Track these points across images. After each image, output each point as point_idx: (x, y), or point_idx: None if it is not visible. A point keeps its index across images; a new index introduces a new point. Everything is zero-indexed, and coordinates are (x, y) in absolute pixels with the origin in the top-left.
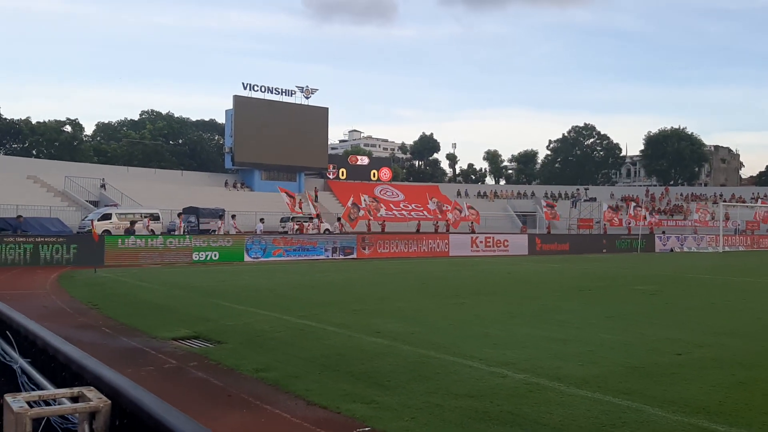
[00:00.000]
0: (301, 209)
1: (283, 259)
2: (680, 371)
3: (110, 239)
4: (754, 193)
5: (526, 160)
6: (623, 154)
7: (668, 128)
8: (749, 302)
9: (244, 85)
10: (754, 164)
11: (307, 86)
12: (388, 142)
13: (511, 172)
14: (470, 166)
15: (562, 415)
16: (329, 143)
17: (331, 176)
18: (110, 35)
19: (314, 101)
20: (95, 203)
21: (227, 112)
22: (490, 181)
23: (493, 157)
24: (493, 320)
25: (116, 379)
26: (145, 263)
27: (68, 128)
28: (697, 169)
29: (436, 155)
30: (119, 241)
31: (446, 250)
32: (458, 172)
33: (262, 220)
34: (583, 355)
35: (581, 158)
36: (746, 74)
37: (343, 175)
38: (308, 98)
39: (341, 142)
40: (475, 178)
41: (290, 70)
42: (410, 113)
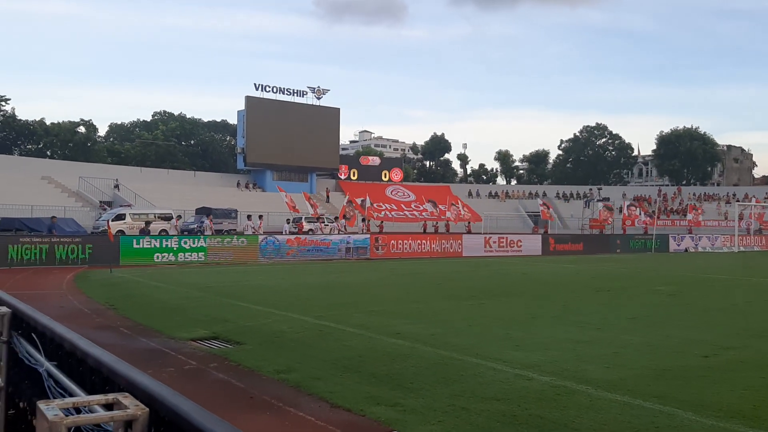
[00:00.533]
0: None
1: (296, 259)
2: (709, 374)
3: (125, 239)
4: (767, 192)
5: (537, 160)
6: (635, 153)
7: (680, 128)
8: None
9: (255, 86)
10: (767, 164)
11: (318, 87)
12: (398, 142)
13: (522, 172)
14: (481, 166)
15: (592, 419)
16: (340, 144)
17: (342, 177)
18: (123, 37)
19: (325, 102)
20: (109, 203)
21: (239, 112)
22: (501, 181)
23: (504, 157)
24: (513, 321)
25: (152, 385)
26: (160, 263)
27: (82, 129)
28: (709, 168)
29: (447, 155)
30: (134, 241)
31: (459, 250)
32: (469, 172)
33: (288, 221)
34: (608, 357)
35: (593, 158)
36: (759, 74)
37: (354, 175)
38: (320, 99)
39: (352, 142)
40: (486, 178)
41: (301, 70)
42: (421, 113)
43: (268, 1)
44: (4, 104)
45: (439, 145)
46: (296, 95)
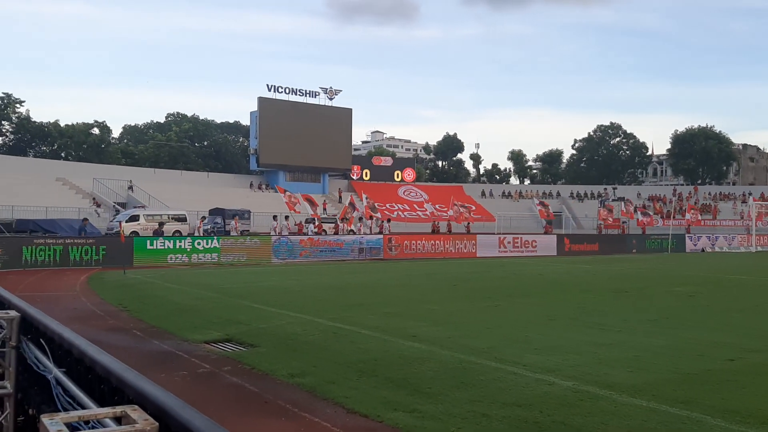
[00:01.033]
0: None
1: (309, 260)
2: (736, 378)
3: (139, 240)
4: None
5: (551, 159)
6: (650, 153)
7: (695, 127)
8: None
9: (268, 86)
10: None
11: (330, 87)
12: (411, 142)
13: (535, 171)
14: (494, 166)
15: (617, 426)
16: (352, 144)
17: (354, 177)
18: (136, 39)
19: (338, 102)
20: (123, 205)
21: (252, 113)
22: (514, 181)
23: (517, 156)
24: (530, 323)
25: (162, 397)
26: (173, 264)
27: (96, 131)
28: (725, 167)
29: (459, 155)
30: (147, 242)
31: (473, 250)
32: (482, 172)
33: (308, 221)
34: (630, 360)
35: (607, 157)
36: None
37: (366, 176)
38: (332, 99)
39: (364, 143)
40: (499, 178)
41: (313, 71)
42: (433, 113)
43: (279, 2)
44: (18, 106)
45: (451, 144)
46: (308, 96)
